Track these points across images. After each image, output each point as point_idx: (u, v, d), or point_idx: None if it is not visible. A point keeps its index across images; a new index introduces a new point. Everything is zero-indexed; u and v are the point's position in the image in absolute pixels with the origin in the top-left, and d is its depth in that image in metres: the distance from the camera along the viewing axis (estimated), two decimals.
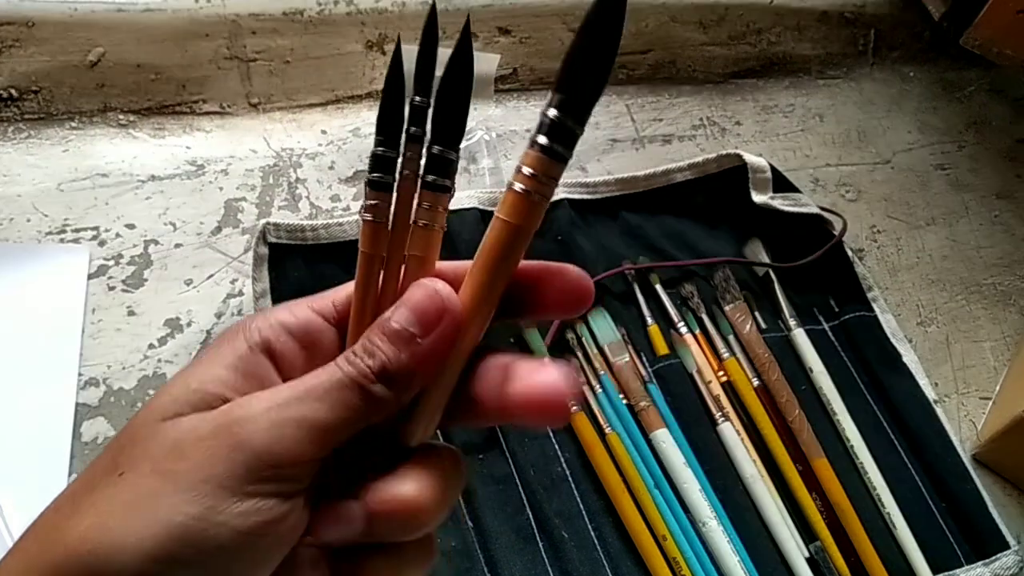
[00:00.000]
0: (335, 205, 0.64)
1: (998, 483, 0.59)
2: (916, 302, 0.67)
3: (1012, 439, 0.56)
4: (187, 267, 0.59)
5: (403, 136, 0.24)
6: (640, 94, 0.75)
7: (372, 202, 0.24)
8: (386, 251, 0.24)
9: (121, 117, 0.64)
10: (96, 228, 0.59)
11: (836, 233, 0.63)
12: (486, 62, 0.68)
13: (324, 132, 0.67)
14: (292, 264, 0.55)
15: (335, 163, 0.65)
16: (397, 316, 0.22)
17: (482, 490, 0.50)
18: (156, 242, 0.59)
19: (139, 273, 0.58)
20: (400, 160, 0.24)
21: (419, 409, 0.23)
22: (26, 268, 0.56)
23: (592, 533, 0.50)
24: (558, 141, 0.22)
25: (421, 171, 0.24)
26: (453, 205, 0.64)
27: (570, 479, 0.52)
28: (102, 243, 0.58)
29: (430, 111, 0.24)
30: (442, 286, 0.23)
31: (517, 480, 0.51)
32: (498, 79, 0.71)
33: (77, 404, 0.52)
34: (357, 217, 0.56)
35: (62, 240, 0.58)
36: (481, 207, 0.60)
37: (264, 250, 0.55)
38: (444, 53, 0.23)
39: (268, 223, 0.55)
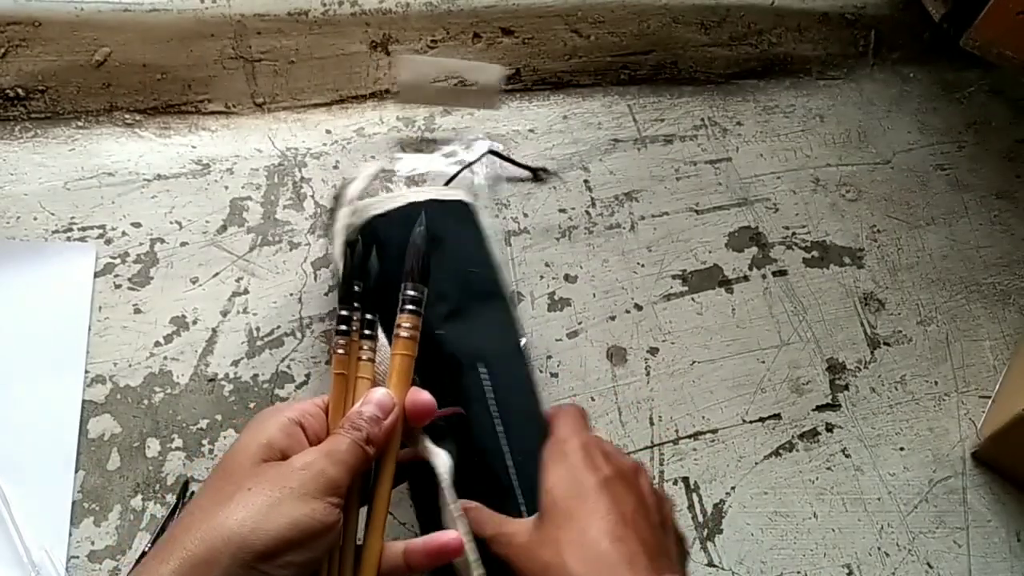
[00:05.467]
0: None
1: (997, 481, 0.59)
2: (916, 301, 0.67)
3: (1011, 437, 0.57)
4: (193, 265, 0.59)
5: (355, 307, 0.42)
6: (642, 94, 0.75)
7: (341, 341, 0.41)
8: (348, 372, 0.41)
9: (127, 116, 0.65)
10: (102, 227, 0.59)
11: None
12: (490, 73, 0.67)
13: (328, 132, 0.67)
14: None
15: (339, 162, 0.66)
16: (369, 408, 0.39)
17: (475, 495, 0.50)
18: (162, 240, 0.60)
19: (145, 271, 0.58)
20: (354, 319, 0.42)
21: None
22: (33, 266, 0.57)
23: None
24: (417, 304, 0.42)
25: (359, 327, 0.42)
26: (443, 196, 0.61)
27: None
28: (108, 241, 0.59)
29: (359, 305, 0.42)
30: (390, 392, 0.40)
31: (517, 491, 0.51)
32: None
33: (84, 401, 0.53)
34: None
35: (69, 238, 0.59)
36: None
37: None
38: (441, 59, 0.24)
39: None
